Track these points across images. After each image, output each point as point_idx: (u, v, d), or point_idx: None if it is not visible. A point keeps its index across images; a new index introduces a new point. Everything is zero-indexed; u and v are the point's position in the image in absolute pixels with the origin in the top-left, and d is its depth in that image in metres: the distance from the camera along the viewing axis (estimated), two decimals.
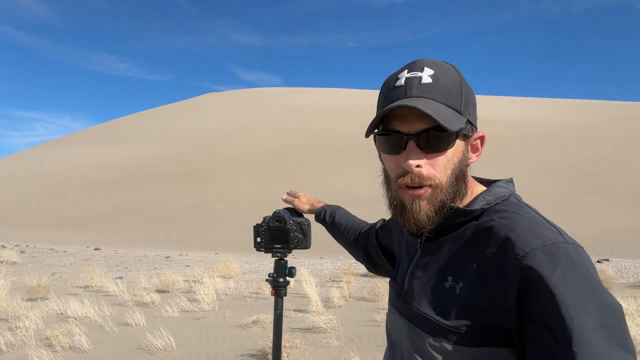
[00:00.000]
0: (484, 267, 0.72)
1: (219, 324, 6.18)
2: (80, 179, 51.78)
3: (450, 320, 0.74)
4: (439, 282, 0.78)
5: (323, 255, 15.04)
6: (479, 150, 0.84)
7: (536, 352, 0.65)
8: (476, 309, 0.71)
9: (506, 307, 0.68)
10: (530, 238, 0.69)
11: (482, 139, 0.84)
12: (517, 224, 0.72)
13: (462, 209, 0.78)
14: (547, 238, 0.69)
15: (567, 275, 0.65)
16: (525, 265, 0.67)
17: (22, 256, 16.07)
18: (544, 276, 0.65)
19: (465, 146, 0.81)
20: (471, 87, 0.82)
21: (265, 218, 1.36)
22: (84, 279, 9.64)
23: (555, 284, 0.64)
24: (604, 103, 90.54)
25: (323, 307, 6.59)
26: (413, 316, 0.82)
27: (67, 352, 5.02)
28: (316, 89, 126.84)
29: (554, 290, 0.64)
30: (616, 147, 41.25)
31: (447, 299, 0.75)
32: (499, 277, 0.69)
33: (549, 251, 0.67)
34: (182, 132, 76.46)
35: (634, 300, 6.27)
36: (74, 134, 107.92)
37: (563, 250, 0.67)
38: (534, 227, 0.71)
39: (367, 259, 1.29)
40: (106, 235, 27.18)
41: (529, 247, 0.68)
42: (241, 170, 46.51)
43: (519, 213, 0.75)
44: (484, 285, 0.71)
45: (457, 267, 0.76)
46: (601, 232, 18.19)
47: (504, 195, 0.80)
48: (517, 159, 38.00)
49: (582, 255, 0.68)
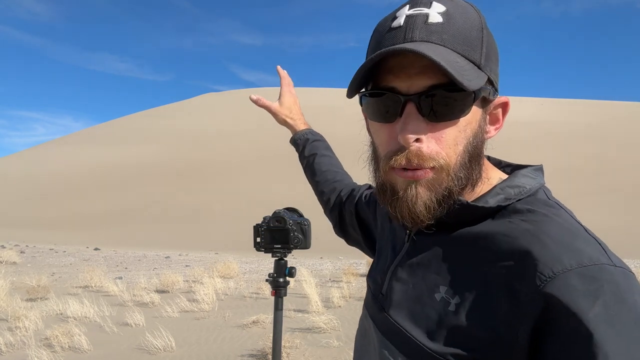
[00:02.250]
0: (491, 284, 0.53)
1: (219, 324, 6.18)
2: (80, 179, 51.79)
3: (435, 344, 0.55)
4: (428, 292, 0.59)
5: (323, 255, 15.05)
6: (500, 122, 0.63)
7: None
8: (471, 337, 0.53)
9: (513, 343, 0.50)
10: (562, 253, 0.49)
11: (504, 107, 0.62)
12: (545, 232, 0.52)
13: (472, 205, 0.57)
14: (587, 256, 0.49)
15: (610, 312, 0.45)
16: (550, 292, 0.47)
17: (22, 256, 16.06)
18: (578, 310, 0.45)
19: (483, 115, 0.59)
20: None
21: (265, 218, 1.35)
22: (84, 279, 9.63)
23: (593, 322, 0.45)
24: (604, 103, 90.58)
25: (323, 307, 6.58)
26: (388, 329, 0.63)
27: (67, 352, 5.01)
28: (317, 89, 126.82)
29: (592, 332, 0.44)
30: (616, 147, 41.29)
31: (436, 315, 0.57)
32: (510, 301, 0.50)
33: (588, 275, 0.47)
34: (182, 132, 76.45)
35: None
36: (74, 134, 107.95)
37: (608, 276, 0.47)
38: (567, 239, 0.51)
39: (340, 225, 1.07)
40: (106, 235, 27.18)
41: (560, 267, 0.48)
42: (241, 170, 46.53)
43: (549, 216, 0.54)
44: (488, 308, 0.52)
45: (455, 276, 0.57)
46: (601, 232, 18.13)
47: (529, 189, 0.59)
48: (517, 159, 37.79)
49: (633, 284, 0.48)
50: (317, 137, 1.20)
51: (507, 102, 0.62)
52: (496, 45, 0.60)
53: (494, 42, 0.59)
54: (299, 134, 1.20)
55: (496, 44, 0.60)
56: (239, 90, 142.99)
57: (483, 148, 0.60)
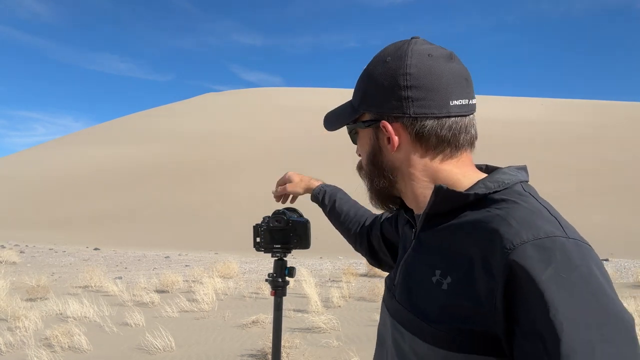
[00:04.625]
0: (472, 262, 0.63)
1: (219, 324, 6.18)
2: (80, 179, 51.78)
3: (432, 319, 0.66)
4: (427, 276, 0.69)
5: (323, 255, 15.04)
6: (392, 140, 0.73)
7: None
8: (460, 309, 0.62)
9: (492, 310, 0.59)
10: (522, 230, 0.59)
11: (385, 128, 0.73)
12: (512, 215, 0.62)
13: (451, 190, 0.68)
14: (543, 231, 0.59)
15: (561, 274, 0.55)
16: (512, 261, 0.57)
17: (22, 256, 16.06)
18: (533, 274, 0.55)
19: (375, 136, 0.77)
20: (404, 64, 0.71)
21: (265, 218, 1.35)
22: (84, 279, 9.63)
23: (545, 283, 0.54)
24: (604, 103, 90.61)
25: (323, 307, 6.58)
26: (397, 312, 0.75)
27: (67, 352, 5.01)
28: (317, 89, 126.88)
29: (543, 292, 0.54)
30: (616, 147, 41.30)
31: (432, 295, 0.67)
32: (486, 274, 0.60)
33: (541, 245, 0.57)
34: (182, 132, 76.47)
35: (633, 300, 6.27)
36: (74, 134, 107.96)
37: (560, 246, 0.57)
38: (529, 218, 0.61)
39: (370, 252, 1.18)
40: (106, 235, 27.18)
41: (519, 240, 0.58)
42: (241, 170, 46.53)
43: (518, 203, 0.64)
44: (471, 283, 0.62)
45: (448, 260, 0.67)
46: (601, 232, 18.19)
47: (507, 183, 0.68)
48: (517, 159, 37.83)
49: (585, 253, 0.58)
50: (332, 187, 1.34)
51: (384, 124, 0.74)
52: (385, 78, 0.73)
53: (380, 77, 0.73)
54: (316, 189, 1.32)
55: (387, 76, 0.72)
56: (239, 90, 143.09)
57: (385, 160, 0.77)
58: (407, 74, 0.70)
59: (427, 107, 0.70)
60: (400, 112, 0.71)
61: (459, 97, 0.71)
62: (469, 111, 0.72)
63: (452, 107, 0.70)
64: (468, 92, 0.72)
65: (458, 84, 0.71)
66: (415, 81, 0.70)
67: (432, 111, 0.70)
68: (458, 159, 0.73)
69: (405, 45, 0.73)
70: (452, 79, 0.71)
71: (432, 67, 0.70)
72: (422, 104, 0.70)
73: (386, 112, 0.73)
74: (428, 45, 0.73)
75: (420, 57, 0.71)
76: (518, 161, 0.77)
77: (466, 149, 0.74)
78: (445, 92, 0.70)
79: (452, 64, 0.71)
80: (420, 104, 0.70)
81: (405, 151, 0.74)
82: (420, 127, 0.71)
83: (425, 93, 0.70)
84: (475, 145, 0.76)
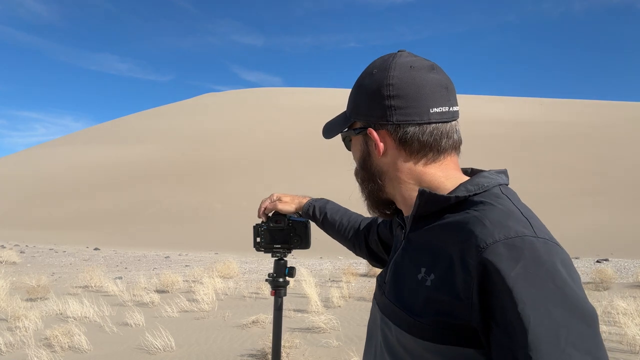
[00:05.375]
0: (453, 260, 0.68)
1: (219, 324, 6.18)
2: (80, 179, 51.79)
3: (416, 313, 0.71)
4: (413, 273, 0.74)
5: (323, 255, 15.04)
6: (378, 146, 0.80)
7: (498, 352, 0.61)
8: (442, 303, 0.67)
9: (470, 304, 0.64)
10: (494, 230, 0.65)
11: (372, 134, 0.80)
12: (487, 216, 0.67)
13: (433, 194, 0.74)
14: (513, 230, 0.64)
15: (528, 270, 0.60)
16: (484, 259, 0.62)
17: (22, 256, 16.07)
18: (502, 271, 0.60)
19: (364, 142, 0.84)
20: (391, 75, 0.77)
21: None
22: (84, 279, 9.64)
23: (513, 279, 0.59)
24: (603, 103, 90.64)
25: (323, 307, 6.58)
26: (386, 307, 0.80)
27: (67, 352, 5.02)
28: (317, 89, 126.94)
29: (511, 286, 0.59)
30: (616, 147, 41.30)
31: (417, 291, 0.72)
32: (464, 271, 0.65)
33: (512, 244, 0.62)
34: (182, 132, 76.48)
35: (633, 300, 6.27)
36: (74, 134, 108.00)
37: (529, 245, 0.62)
38: (502, 219, 0.66)
39: (370, 255, 1.23)
40: (106, 235, 27.18)
41: (491, 239, 0.63)
42: (241, 170, 46.53)
43: (494, 205, 0.70)
44: (451, 280, 0.67)
45: (432, 258, 0.72)
46: (601, 232, 18.19)
47: (486, 186, 0.73)
48: (517, 159, 37.98)
49: (552, 251, 0.63)
50: (321, 200, 1.37)
51: (370, 131, 0.80)
52: (372, 88, 0.79)
53: (368, 88, 0.80)
54: (305, 205, 1.34)
55: (374, 86, 0.78)
56: (239, 90, 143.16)
57: (374, 164, 0.83)
58: (390, 85, 0.77)
59: (408, 114, 0.76)
60: (385, 119, 0.78)
61: (439, 105, 0.76)
62: (450, 118, 0.78)
63: (432, 114, 0.76)
64: (448, 100, 0.78)
65: (438, 92, 0.76)
66: (398, 91, 0.76)
67: (413, 118, 0.76)
68: (441, 162, 0.79)
69: (391, 58, 0.80)
70: (433, 88, 0.76)
71: (414, 78, 0.76)
72: (404, 112, 0.76)
73: (373, 120, 0.80)
74: (411, 58, 0.79)
75: (402, 68, 0.77)
76: (517, 161, 0.77)
77: (449, 153, 0.79)
78: (426, 101, 0.76)
79: (432, 74, 0.77)
80: (403, 112, 0.76)
81: (391, 156, 0.80)
82: (403, 133, 0.77)
83: (406, 102, 0.76)
84: (460, 150, 0.81)
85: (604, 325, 5.22)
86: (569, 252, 0.67)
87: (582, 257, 12.91)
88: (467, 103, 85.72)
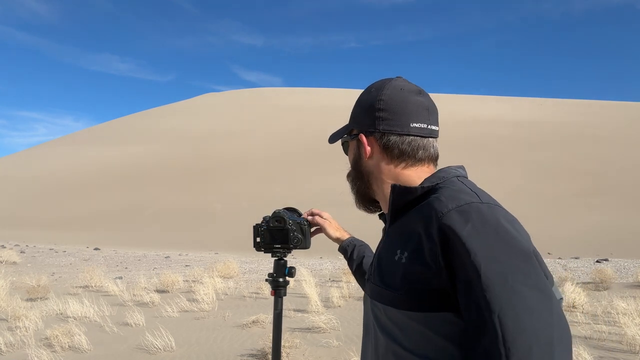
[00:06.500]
0: (420, 236, 0.80)
1: (219, 323, 6.18)
2: (80, 179, 51.80)
3: (396, 287, 0.82)
4: (391, 257, 0.86)
5: (323, 255, 15.05)
6: (366, 149, 0.95)
7: (464, 306, 0.72)
8: (416, 274, 0.78)
9: (438, 268, 0.75)
10: (449, 202, 0.78)
11: (362, 139, 0.96)
12: (443, 194, 0.81)
13: (403, 187, 0.88)
14: (462, 200, 0.78)
15: (476, 228, 0.73)
16: (443, 224, 0.75)
17: (22, 256, 16.08)
18: (457, 231, 0.73)
19: (357, 146, 0.99)
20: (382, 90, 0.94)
21: (265, 218, 1.35)
22: (84, 279, 9.64)
23: (465, 236, 0.72)
24: (603, 103, 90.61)
25: (323, 307, 6.58)
26: (373, 292, 0.90)
27: (67, 352, 5.02)
28: (317, 89, 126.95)
29: (465, 242, 0.71)
30: (615, 147, 41.27)
31: (396, 269, 0.83)
32: (429, 241, 0.77)
33: (462, 210, 0.76)
34: (182, 132, 76.48)
35: (633, 300, 6.27)
36: (74, 134, 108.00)
37: (475, 209, 0.76)
38: (454, 194, 0.80)
39: None
40: (106, 235, 27.19)
41: (446, 209, 0.77)
42: (241, 170, 46.53)
43: (450, 187, 0.84)
44: (421, 252, 0.78)
45: (404, 240, 0.84)
46: (601, 232, 18.18)
47: (445, 177, 0.88)
48: (517, 159, 37.95)
49: (494, 211, 0.76)
50: (361, 242, 1.44)
51: (361, 137, 0.96)
52: (367, 100, 0.96)
53: (365, 101, 0.97)
54: (346, 242, 1.41)
55: (368, 98, 0.96)
56: (239, 90, 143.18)
57: (364, 165, 0.97)
58: (381, 100, 0.94)
59: (392, 125, 0.92)
60: (373, 128, 0.94)
61: (419, 122, 0.92)
62: (428, 134, 0.93)
63: (412, 128, 0.92)
64: (428, 119, 0.93)
65: (420, 112, 0.93)
66: (386, 105, 0.93)
67: (395, 129, 0.92)
68: (417, 168, 0.93)
69: (388, 81, 0.96)
70: (416, 108, 0.92)
71: (401, 97, 0.93)
72: (388, 123, 0.92)
73: (364, 127, 0.96)
74: (403, 82, 0.95)
75: (394, 89, 0.94)
76: (517, 161, 0.80)
77: (426, 163, 0.94)
78: (408, 116, 0.92)
79: (418, 97, 0.93)
80: (388, 123, 0.92)
81: (376, 159, 0.95)
82: (387, 140, 0.93)
83: (392, 115, 0.92)
84: (437, 163, 0.96)
85: (603, 325, 5.23)
86: (569, 252, 0.69)
87: (582, 257, 12.89)
88: (467, 103, 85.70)
